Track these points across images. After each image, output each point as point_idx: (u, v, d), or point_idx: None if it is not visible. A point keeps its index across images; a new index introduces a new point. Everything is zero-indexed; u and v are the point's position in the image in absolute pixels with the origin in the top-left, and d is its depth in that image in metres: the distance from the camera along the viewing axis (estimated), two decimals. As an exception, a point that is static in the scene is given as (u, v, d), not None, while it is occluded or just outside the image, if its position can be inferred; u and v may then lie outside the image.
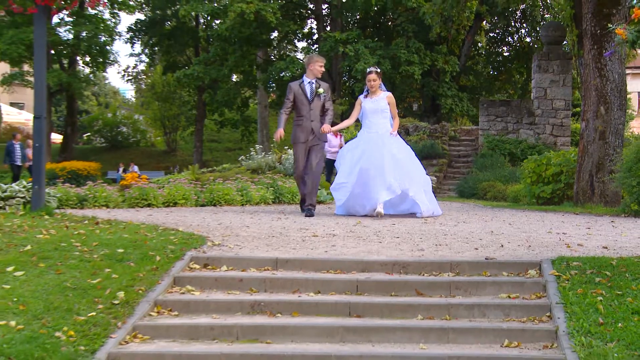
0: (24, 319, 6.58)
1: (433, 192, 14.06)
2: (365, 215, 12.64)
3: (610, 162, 17.12)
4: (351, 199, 12.81)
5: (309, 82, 13.11)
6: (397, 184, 12.35)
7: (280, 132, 13.13)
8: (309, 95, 13.02)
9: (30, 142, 33.90)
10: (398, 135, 13.28)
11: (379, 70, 13.27)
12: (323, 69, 13.37)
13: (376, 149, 12.56)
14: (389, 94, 13.25)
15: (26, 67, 43.74)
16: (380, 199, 12.37)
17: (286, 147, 24.67)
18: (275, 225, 11.19)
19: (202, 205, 17.43)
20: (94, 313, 6.83)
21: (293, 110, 13.34)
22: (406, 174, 12.57)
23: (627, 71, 23.87)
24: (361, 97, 13.22)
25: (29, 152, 30.86)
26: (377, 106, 12.88)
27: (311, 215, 12.89)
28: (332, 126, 13.44)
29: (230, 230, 11.15)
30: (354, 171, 12.65)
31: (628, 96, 26.92)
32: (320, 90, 13.02)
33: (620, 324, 6.36)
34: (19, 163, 30.45)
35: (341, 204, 13.10)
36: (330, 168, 22.28)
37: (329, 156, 21.58)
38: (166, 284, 7.71)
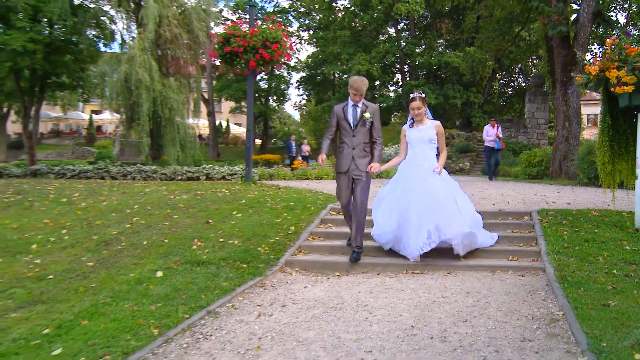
0: (241, 240, 6.77)
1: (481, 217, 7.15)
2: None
3: (571, 154, 16.88)
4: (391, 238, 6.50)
5: (353, 106, 6.30)
6: (437, 233, 6.10)
7: (322, 157, 6.31)
8: (350, 120, 6.28)
9: (304, 140, 31.23)
10: (445, 171, 6.46)
11: (423, 94, 6.53)
12: (356, 97, 6.23)
13: (417, 187, 6.22)
14: (438, 122, 6.47)
15: (242, 103, 44.76)
16: (419, 249, 6.15)
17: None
18: (376, 190, 11.14)
19: (336, 178, 17.46)
20: (278, 238, 6.97)
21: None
22: (450, 218, 6.12)
23: (582, 102, 22.80)
24: (405, 126, 6.61)
25: (303, 147, 28.44)
26: (425, 135, 6.36)
27: (357, 259, 6.34)
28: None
29: (352, 192, 11.13)
30: (392, 216, 6.40)
31: (582, 116, 25.58)
32: (367, 115, 6.25)
33: (577, 247, 6.20)
34: (293, 155, 28.17)
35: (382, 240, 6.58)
36: (489, 154, 16.53)
37: (487, 143, 16.50)
38: (317, 222, 7.78)
